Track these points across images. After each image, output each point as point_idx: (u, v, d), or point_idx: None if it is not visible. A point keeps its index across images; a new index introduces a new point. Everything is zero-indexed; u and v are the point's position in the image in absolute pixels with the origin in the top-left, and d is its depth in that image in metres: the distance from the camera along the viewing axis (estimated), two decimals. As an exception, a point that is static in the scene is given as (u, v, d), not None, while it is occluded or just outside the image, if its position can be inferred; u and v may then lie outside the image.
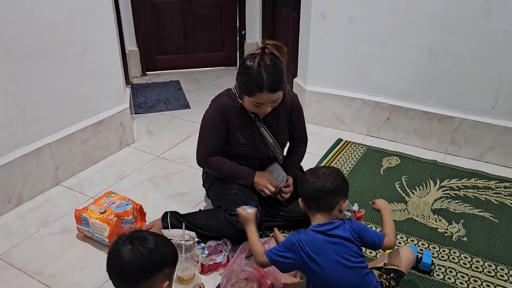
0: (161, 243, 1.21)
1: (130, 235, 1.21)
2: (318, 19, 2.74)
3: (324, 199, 1.43)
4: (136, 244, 1.16)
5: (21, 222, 2.03)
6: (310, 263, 1.36)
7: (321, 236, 1.38)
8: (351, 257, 1.37)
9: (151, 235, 1.22)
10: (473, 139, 2.57)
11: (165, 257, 1.21)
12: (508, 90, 2.39)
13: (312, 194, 1.45)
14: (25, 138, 2.12)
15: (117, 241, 1.20)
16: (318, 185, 1.43)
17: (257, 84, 1.64)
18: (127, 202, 1.91)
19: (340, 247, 1.37)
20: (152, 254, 1.17)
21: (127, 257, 1.14)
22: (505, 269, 1.77)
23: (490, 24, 2.29)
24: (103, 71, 2.44)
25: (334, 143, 2.78)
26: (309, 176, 1.47)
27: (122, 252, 1.15)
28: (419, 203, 2.18)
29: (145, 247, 1.16)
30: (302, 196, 1.50)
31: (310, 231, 1.41)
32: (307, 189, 1.46)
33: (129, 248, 1.15)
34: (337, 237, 1.38)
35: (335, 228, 1.40)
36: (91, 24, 2.29)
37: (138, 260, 1.15)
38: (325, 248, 1.37)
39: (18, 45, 1.98)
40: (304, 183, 1.48)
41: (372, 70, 2.73)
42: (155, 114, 3.24)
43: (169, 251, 1.23)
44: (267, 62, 1.65)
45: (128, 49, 3.83)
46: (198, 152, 1.90)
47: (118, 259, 1.15)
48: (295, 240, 1.38)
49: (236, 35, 4.23)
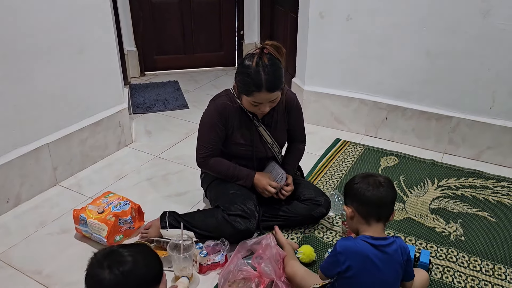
0: (141, 263, 1.11)
1: (108, 255, 1.11)
2: (316, 19, 2.75)
3: (387, 208, 1.37)
4: (114, 268, 1.07)
5: (19, 222, 2.03)
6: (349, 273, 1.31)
7: (372, 249, 1.31)
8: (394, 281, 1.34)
9: (129, 255, 1.11)
10: (471, 138, 2.57)
11: (144, 279, 1.12)
12: (506, 90, 2.40)
13: (377, 202, 1.35)
14: (23, 138, 2.12)
15: (93, 263, 1.11)
16: (384, 192, 1.35)
17: (255, 83, 1.65)
18: (125, 202, 1.91)
19: (388, 266, 1.33)
20: (132, 276, 1.08)
21: (105, 281, 1.06)
22: (502, 268, 1.77)
23: (488, 24, 2.30)
24: (101, 71, 2.44)
25: (332, 143, 2.79)
26: (370, 183, 1.37)
27: (100, 276, 1.07)
28: (417, 202, 2.19)
29: (123, 272, 1.07)
30: (362, 203, 1.38)
31: (361, 241, 1.33)
32: (371, 195, 1.35)
33: (107, 272, 1.07)
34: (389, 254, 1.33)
35: (389, 245, 1.34)
36: (89, 24, 2.29)
37: (118, 285, 1.07)
38: (369, 263, 1.31)
39: (16, 45, 1.98)
40: (364, 190, 1.36)
41: (370, 70, 2.74)
42: (154, 114, 3.24)
43: (149, 271, 1.14)
44: (266, 61, 1.65)
45: (127, 49, 3.83)
46: (198, 153, 1.90)
47: (97, 283, 1.08)
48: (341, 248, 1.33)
49: (235, 35, 4.24)
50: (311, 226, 1.98)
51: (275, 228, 1.89)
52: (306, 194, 1.93)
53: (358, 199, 1.38)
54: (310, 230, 1.96)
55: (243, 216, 1.78)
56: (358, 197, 1.38)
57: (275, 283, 1.55)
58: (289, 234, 1.94)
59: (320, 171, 2.46)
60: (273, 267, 1.59)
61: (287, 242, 1.81)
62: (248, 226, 1.77)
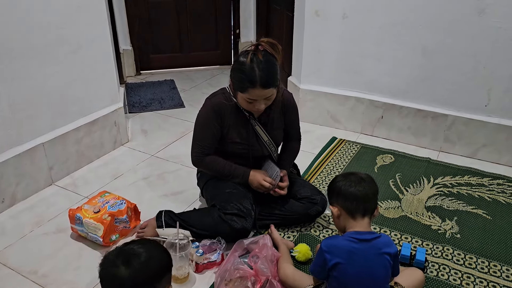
0: (153, 253, 1.16)
1: (119, 253, 1.14)
2: (312, 17, 2.75)
3: (372, 202, 1.40)
4: (130, 262, 1.11)
5: (15, 222, 2.02)
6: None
7: (357, 243, 1.34)
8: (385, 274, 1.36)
9: (140, 248, 1.16)
10: (466, 136, 2.58)
11: (162, 265, 1.17)
12: (501, 88, 2.40)
13: (361, 196, 1.38)
14: (19, 138, 2.11)
15: (105, 264, 1.13)
16: (367, 187, 1.39)
17: (249, 79, 1.64)
18: (121, 201, 1.91)
19: (381, 259, 1.35)
20: (149, 267, 1.13)
21: (125, 277, 1.09)
22: (498, 266, 1.78)
23: (483, 22, 2.31)
24: (97, 70, 2.43)
25: (328, 142, 2.79)
26: (352, 179, 1.41)
27: (118, 274, 1.09)
28: (413, 200, 2.19)
29: (141, 263, 1.12)
30: (346, 199, 1.41)
31: (346, 237, 1.36)
32: (355, 191, 1.39)
33: (124, 268, 1.10)
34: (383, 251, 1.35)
35: (375, 239, 1.36)
36: (84, 23, 2.28)
37: (138, 278, 1.10)
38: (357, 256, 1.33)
39: (11, 44, 1.97)
40: (347, 187, 1.40)
41: (366, 68, 2.74)
42: (150, 113, 3.23)
43: (163, 257, 1.20)
44: (260, 58, 1.65)
45: (122, 48, 3.82)
46: (193, 152, 1.89)
47: (118, 282, 1.10)
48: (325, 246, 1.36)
49: (231, 34, 4.23)
50: (308, 225, 1.99)
51: (270, 227, 1.89)
52: (302, 192, 1.94)
53: (343, 196, 1.41)
54: (306, 229, 1.97)
55: (240, 215, 1.78)
56: (342, 194, 1.42)
57: (270, 282, 1.55)
58: (286, 232, 1.94)
59: (316, 170, 2.46)
60: (269, 266, 1.59)
61: (282, 241, 1.81)
62: (244, 225, 1.77)
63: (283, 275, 1.59)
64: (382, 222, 2.02)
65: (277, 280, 1.58)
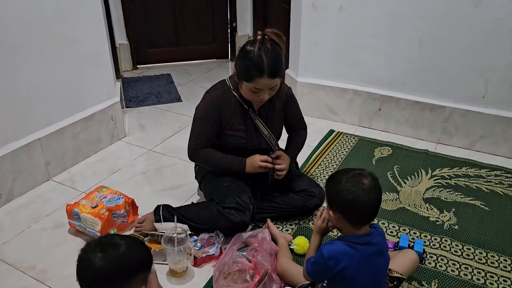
0: (133, 247, 1.14)
1: (99, 241, 1.14)
2: (309, 10, 2.73)
3: (377, 210, 1.28)
4: (108, 250, 1.09)
5: (12, 218, 2.01)
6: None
7: (359, 246, 1.27)
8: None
9: (122, 240, 1.14)
10: (464, 128, 2.58)
11: (139, 261, 1.15)
12: (499, 79, 2.40)
13: (370, 211, 1.26)
14: (15, 134, 2.10)
15: (86, 249, 1.12)
16: (375, 200, 1.25)
17: (257, 67, 1.63)
18: (118, 196, 1.91)
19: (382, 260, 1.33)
20: (126, 259, 1.11)
21: (99, 264, 1.07)
22: (495, 256, 1.78)
23: (480, 13, 2.30)
24: (93, 65, 2.42)
25: (326, 134, 2.79)
26: (360, 187, 1.24)
27: (93, 260, 1.08)
28: (411, 192, 2.19)
29: (118, 253, 1.10)
30: (352, 216, 1.26)
31: (346, 242, 1.27)
32: (363, 208, 1.24)
33: (100, 255, 1.08)
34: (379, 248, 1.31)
35: (374, 237, 1.30)
36: (80, 17, 2.26)
37: (112, 267, 1.08)
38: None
39: (5, 39, 1.95)
40: (356, 195, 1.23)
41: (363, 60, 2.73)
42: (147, 108, 3.22)
43: (143, 254, 1.17)
44: (268, 47, 1.65)
45: (118, 43, 3.80)
46: (189, 144, 1.88)
47: (91, 267, 1.08)
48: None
49: (227, 28, 4.21)
50: (306, 218, 1.99)
51: (267, 221, 1.89)
52: (300, 185, 1.93)
53: (348, 206, 1.24)
54: (304, 222, 1.97)
55: (238, 209, 1.77)
56: (349, 211, 1.26)
57: (269, 275, 1.56)
58: (284, 225, 1.94)
59: (314, 163, 2.46)
60: (269, 259, 1.60)
61: (280, 235, 1.81)
62: (242, 218, 1.77)
63: (281, 270, 1.59)
64: (380, 214, 2.02)
65: (275, 274, 1.58)
